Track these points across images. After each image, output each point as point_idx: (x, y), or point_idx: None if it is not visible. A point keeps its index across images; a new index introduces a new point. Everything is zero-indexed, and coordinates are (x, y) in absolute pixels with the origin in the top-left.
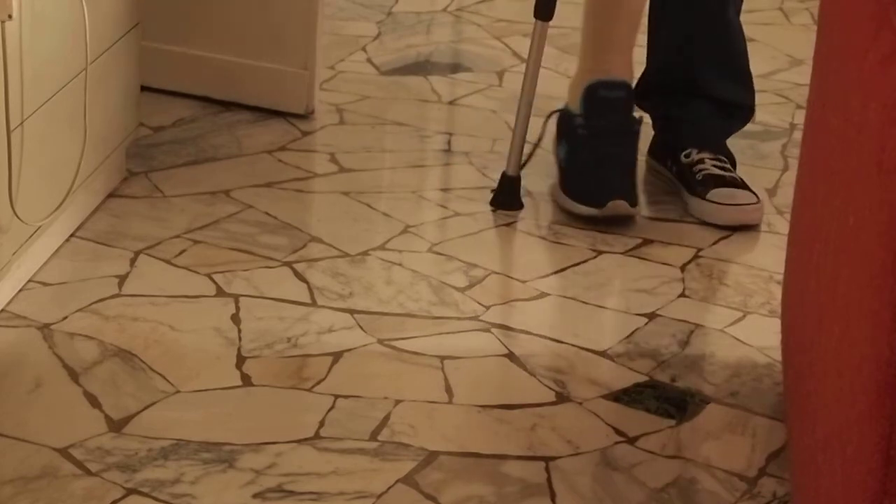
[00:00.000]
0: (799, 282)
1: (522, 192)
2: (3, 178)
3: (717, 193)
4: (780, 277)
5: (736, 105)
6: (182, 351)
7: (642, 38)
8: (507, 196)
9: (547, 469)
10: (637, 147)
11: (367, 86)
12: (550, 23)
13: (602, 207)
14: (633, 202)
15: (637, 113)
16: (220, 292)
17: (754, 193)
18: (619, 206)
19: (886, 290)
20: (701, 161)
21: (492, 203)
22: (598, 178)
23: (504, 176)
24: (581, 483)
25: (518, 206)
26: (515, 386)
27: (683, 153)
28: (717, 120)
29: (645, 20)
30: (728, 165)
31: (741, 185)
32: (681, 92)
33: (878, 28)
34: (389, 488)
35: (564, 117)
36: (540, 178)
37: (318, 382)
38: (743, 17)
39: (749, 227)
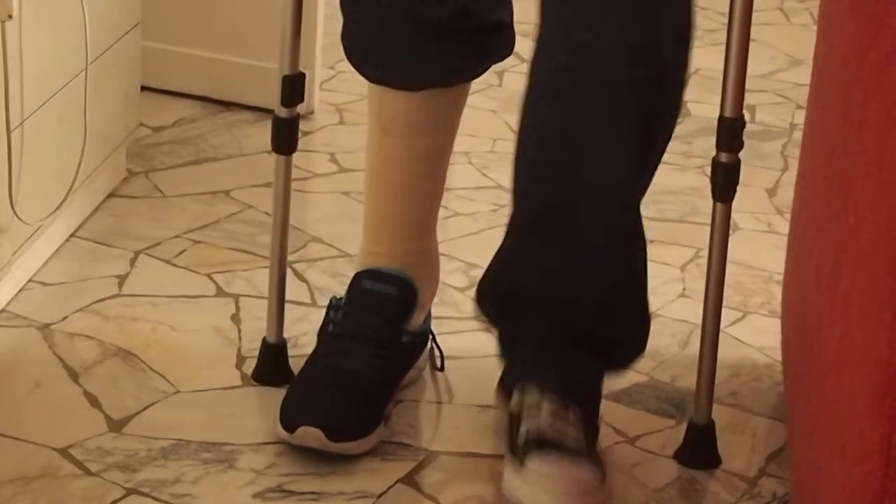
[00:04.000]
0: (799, 282)
1: None
2: (3, 178)
3: (540, 458)
4: (780, 277)
5: (612, 342)
6: (182, 351)
7: None
8: (269, 368)
9: None
10: (401, 365)
11: (367, 86)
12: None
13: (291, 433)
14: (342, 435)
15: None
16: (220, 292)
17: (600, 468)
18: (308, 435)
19: (886, 290)
20: (536, 406)
21: (253, 376)
22: (306, 394)
23: (264, 344)
24: None
25: (283, 379)
26: None
27: (515, 390)
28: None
29: None
30: (579, 418)
31: (584, 452)
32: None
33: (878, 28)
34: (389, 488)
35: (330, 305)
36: None
37: None
38: None
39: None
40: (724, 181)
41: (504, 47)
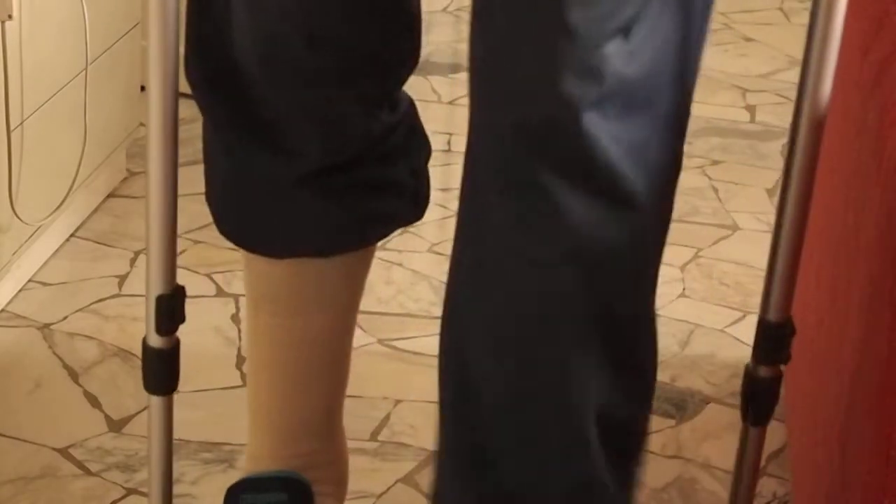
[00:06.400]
0: (799, 282)
1: None
2: (3, 178)
3: None
4: None
5: None
6: (182, 351)
7: None
8: None
9: None
10: None
11: None
12: None
13: None
14: None
15: None
16: (220, 292)
17: None
18: None
19: (886, 290)
20: None
21: None
22: None
23: None
24: None
25: None
26: None
27: None
28: None
29: None
30: None
31: None
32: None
33: (879, 28)
34: (389, 488)
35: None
36: None
37: None
38: (743, 17)
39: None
40: (761, 401)
41: (406, 212)
